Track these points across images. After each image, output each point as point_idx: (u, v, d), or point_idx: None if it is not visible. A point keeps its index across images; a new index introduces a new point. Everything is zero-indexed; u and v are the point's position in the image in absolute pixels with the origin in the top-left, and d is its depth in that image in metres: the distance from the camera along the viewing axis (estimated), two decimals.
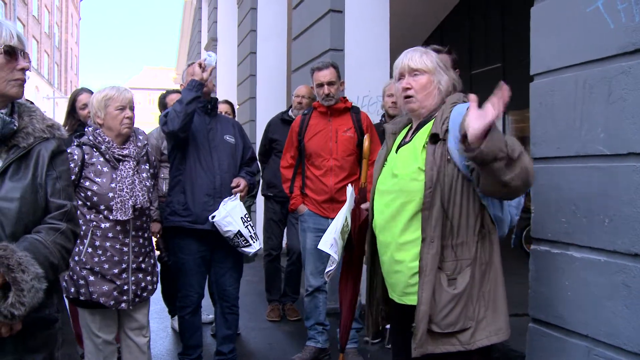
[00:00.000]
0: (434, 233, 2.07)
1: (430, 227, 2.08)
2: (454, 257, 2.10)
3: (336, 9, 5.50)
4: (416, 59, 2.25)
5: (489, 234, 2.14)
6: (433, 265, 2.06)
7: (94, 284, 2.82)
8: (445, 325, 2.06)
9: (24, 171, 1.75)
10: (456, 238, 2.10)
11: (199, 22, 17.68)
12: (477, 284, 2.09)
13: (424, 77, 2.24)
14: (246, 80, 9.61)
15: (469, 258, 2.09)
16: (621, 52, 2.25)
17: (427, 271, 2.06)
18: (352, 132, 3.84)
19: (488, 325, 2.08)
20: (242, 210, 3.46)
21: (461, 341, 2.06)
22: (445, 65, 2.29)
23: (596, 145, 2.37)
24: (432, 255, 2.06)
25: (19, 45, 1.76)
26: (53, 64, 41.22)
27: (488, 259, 2.12)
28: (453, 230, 2.10)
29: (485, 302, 2.09)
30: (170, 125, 3.34)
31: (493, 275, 2.12)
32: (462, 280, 2.07)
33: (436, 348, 2.08)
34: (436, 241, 2.07)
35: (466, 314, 2.06)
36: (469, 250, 2.09)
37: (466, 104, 2.13)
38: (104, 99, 2.92)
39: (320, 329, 4.00)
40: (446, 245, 2.10)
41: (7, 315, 1.57)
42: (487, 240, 2.13)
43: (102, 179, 2.85)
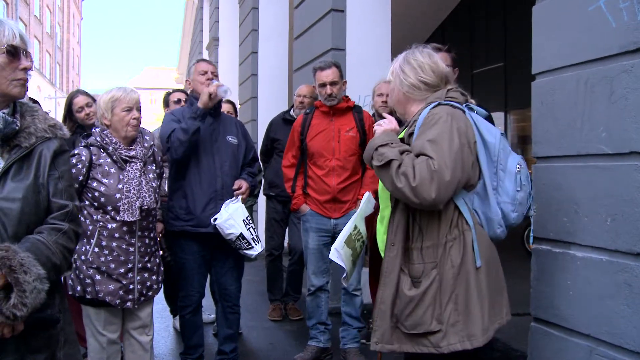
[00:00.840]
0: (395, 237, 2.14)
1: (393, 230, 2.15)
2: (421, 260, 2.11)
3: (338, 8, 5.50)
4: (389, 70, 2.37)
5: (462, 236, 2.10)
6: (393, 267, 2.13)
7: (100, 283, 2.84)
8: (410, 325, 2.08)
9: (26, 171, 1.74)
10: (425, 241, 2.11)
11: (200, 22, 17.68)
12: (448, 287, 2.06)
13: (390, 87, 2.39)
14: (248, 79, 9.60)
15: (435, 261, 2.08)
16: (623, 51, 2.25)
17: (387, 272, 2.15)
18: (354, 131, 3.83)
19: (461, 330, 2.05)
20: (244, 212, 3.46)
21: (432, 343, 2.06)
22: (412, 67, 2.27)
23: (598, 145, 2.36)
24: (391, 258, 2.14)
25: (21, 44, 1.76)
26: (55, 63, 41.27)
27: (460, 262, 2.07)
28: (422, 234, 2.11)
29: (458, 306, 2.05)
30: (174, 154, 3.42)
31: (467, 279, 2.07)
32: (425, 283, 2.07)
33: (410, 348, 2.11)
34: (397, 244, 2.13)
35: (433, 316, 2.05)
36: (437, 254, 2.09)
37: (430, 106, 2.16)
38: (111, 100, 2.93)
39: (322, 328, 4.00)
40: (413, 248, 2.13)
41: (9, 316, 1.57)
42: (460, 243, 2.09)
43: (110, 180, 2.86)
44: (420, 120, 2.13)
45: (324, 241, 3.88)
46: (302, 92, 5.05)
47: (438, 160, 1.97)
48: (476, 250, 2.09)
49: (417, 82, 2.25)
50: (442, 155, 1.98)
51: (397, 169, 2.00)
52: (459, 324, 2.04)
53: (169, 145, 3.40)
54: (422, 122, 2.11)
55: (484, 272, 2.10)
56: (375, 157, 2.09)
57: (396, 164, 2.00)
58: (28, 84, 1.81)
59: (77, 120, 4.03)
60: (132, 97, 2.96)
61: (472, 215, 2.13)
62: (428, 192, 1.95)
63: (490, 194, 2.15)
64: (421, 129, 2.09)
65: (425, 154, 2.00)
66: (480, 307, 2.07)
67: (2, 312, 1.57)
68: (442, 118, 2.07)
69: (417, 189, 1.95)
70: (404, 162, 2.00)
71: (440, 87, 2.26)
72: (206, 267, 3.64)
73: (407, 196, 1.98)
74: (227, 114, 3.96)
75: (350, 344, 3.91)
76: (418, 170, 1.96)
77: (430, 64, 2.27)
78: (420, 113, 2.17)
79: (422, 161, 1.98)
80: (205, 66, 3.65)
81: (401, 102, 2.33)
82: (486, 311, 2.08)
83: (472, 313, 2.05)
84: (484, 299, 2.08)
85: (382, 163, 2.04)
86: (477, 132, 2.14)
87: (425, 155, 2.00)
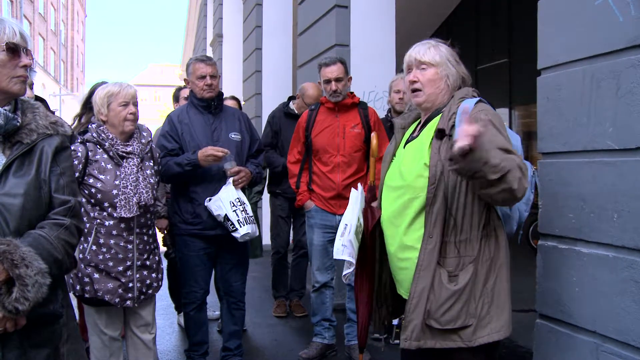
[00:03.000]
0: (433, 229, 2.08)
1: (431, 222, 2.09)
2: (457, 253, 2.09)
3: (342, 4, 5.48)
4: (424, 52, 2.23)
5: (494, 230, 2.13)
6: (430, 261, 2.07)
7: (98, 282, 2.82)
8: (445, 321, 2.05)
9: (28, 167, 1.75)
10: (459, 235, 2.09)
11: (204, 19, 17.69)
12: (481, 280, 2.07)
13: (431, 71, 2.21)
14: (252, 76, 9.60)
15: (472, 255, 2.08)
16: (630, 46, 2.22)
17: (423, 265, 2.08)
18: (359, 128, 3.81)
19: (490, 323, 2.06)
20: (233, 194, 3.39)
21: (462, 338, 2.05)
22: (455, 59, 2.25)
23: (604, 140, 2.34)
24: (429, 251, 2.07)
25: (21, 42, 1.77)
26: (59, 61, 41.40)
27: (493, 255, 2.10)
28: (457, 227, 2.09)
29: (489, 299, 2.07)
30: (165, 180, 3.54)
31: (497, 272, 2.10)
32: (464, 277, 2.06)
33: (436, 343, 2.08)
34: (435, 237, 2.07)
35: (467, 310, 2.05)
36: (473, 248, 2.08)
37: (474, 100, 2.12)
38: (107, 96, 2.90)
39: (327, 324, 4.00)
40: (449, 241, 2.09)
41: (11, 310, 1.58)
42: (493, 237, 2.12)
43: (106, 176, 2.84)
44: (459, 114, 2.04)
45: (328, 237, 3.87)
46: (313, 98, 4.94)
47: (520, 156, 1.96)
48: (506, 245, 2.14)
49: (462, 76, 2.24)
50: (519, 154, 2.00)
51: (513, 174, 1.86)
52: (489, 316, 2.06)
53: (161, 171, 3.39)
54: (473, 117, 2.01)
55: (508, 266, 2.14)
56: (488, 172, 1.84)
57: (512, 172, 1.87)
58: (29, 81, 1.82)
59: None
60: (128, 92, 2.93)
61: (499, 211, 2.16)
62: (525, 186, 1.92)
63: None
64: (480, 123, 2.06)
65: (509, 149, 1.94)
66: (507, 300, 2.11)
67: (5, 306, 1.58)
68: (496, 114, 2.08)
69: (525, 189, 1.92)
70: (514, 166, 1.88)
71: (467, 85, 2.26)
72: (210, 263, 3.63)
73: (518, 197, 1.91)
74: (230, 107, 3.91)
75: (354, 340, 3.90)
76: (524, 170, 1.91)
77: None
78: (458, 105, 2.11)
79: (520, 159, 1.93)
80: (203, 69, 3.52)
81: (441, 90, 2.23)
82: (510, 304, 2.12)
83: (502, 306, 2.08)
84: (510, 292, 2.13)
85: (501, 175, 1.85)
86: None
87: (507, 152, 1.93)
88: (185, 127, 3.51)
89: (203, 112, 3.56)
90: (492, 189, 1.89)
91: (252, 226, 3.45)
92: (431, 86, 2.22)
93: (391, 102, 4.37)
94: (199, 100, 3.55)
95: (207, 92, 3.52)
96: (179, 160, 3.39)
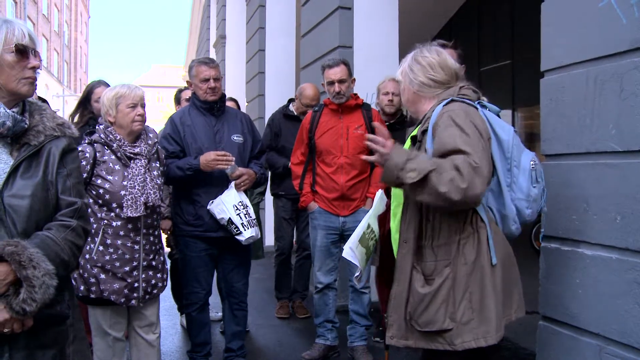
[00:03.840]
0: (407, 234, 2.13)
1: (405, 228, 2.15)
2: (434, 257, 2.10)
3: (345, 5, 5.49)
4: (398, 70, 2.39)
5: (476, 233, 2.09)
6: (405, 264, 2.12)
7: (105, 282, 2.84)
8: (423, 323, 2.07)
9: (35, 169, 1.76)
10: (437, 239, 2.10)
11: (207, 20, 17.70)
12: (461, 284, 2.05)
13: (400, 87, 2.40)
14: (255, 77, 9.61)
15: (448, 259, 2.08)
16: (634, 48, 2.23)
17: (400, 270, 2.15)
18: (363, 129, 3.81)
19: (476, 328, 2.04)
20: (236, 198, 3.41)
21: (446, 340, 2.06)
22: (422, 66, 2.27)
23: (608, 142, 2.35)
24: (403, 255, 2.13)
25: (30, 44, 1.78)
26: (62, 62, 41.46)
27: (474, 258, 2.06)
28: (434, 232, 2.11)
29: (472, 304, 2.05)
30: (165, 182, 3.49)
31: (481, 276, 2.06)
32: (437, 281, 2.07)
33: (425, 344, 2.11)
34: (410, 242, 2.12)
35: (446, 314, 2.04)
36: (449, 251, 2.08)
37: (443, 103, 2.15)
38: (115, 97, 2.93)
39: (330, 326, 4.00)
40: (426, 245, 2.12)
41: (18, 311, 1.59)
42: (474, 240, 2.08)
43: (114, 177, 2.87)
44: (433, 117, 2.11)
45: (332, 239, 3.88)
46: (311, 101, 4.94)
47: (474, 155, 1.92)
48: (492, 247, 2.08)
49: (427, 80, 2.25)
50: (476, 150, 1.94)
51: (438, 177, 1.89)
52: (473, 321, 2.04)
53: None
54: (437, 119, 2.09)
55: (499, 270, 2.10)
56: (405, 177, 1.94)
57: (435, 174, 1.90)
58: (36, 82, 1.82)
59: (92, 110, 4.02)
60: (136, 93, 2.96)
61: (486, 212, 2.14)
62: (475, 190, 1.89)
63: (504, 190, 2.16)
64: (441, 125, 2.05)
65: (461, 149, 1.93)
66: (495, 305, 2.05)
67: (12, 307, 1.59)
68: (461, 114, 2.05)
69: (467, 190, 1.88)
70: (441, 168, 1.90)
71: (452, 84, 2.26)
72: (212, 264, 3.64)
73: (454, 200, 1.88)
74: (232, 108, 3.91)
75: (357, 341, 3.91)
76: (464, 170, 1.88)
77: (439, 61, 2.26)
78: (433, 110, 2.16)
79: (463, 160, 1.90)
80: (207, 72, 3.51)
81: (412, 101, 2.33)
82: (500, 309, 2.08)
83: (487, 310, 2.04)
84: (499, 297, 2.07)
85: (420, 177, 1.91)
86: (490, 129, 2.14)
87: (460, 152, 1.93)
88: (188, 129, 3.52)
89: (205, 114, 3.57)
90: (422, 195, 1.94)
91: (256, 229, 3.47)
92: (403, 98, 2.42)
93: (380, 104, 4.37)
94: (202, 103, 3.55)
95: (210, 95, 3.52)
96: (180, 164, 3.40)
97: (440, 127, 2.05)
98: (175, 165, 3.40)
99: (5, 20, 1.77)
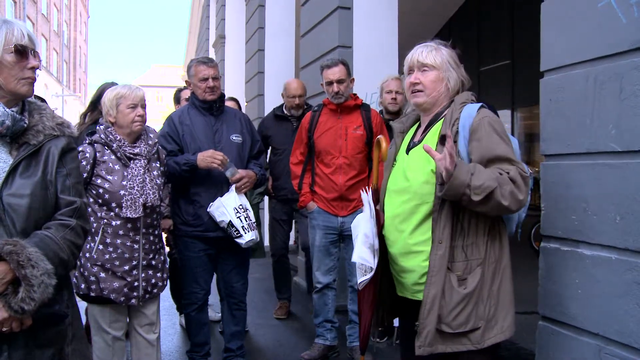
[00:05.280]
0: (442, 235, 2.10)
1: (440, 229, 2.11)
2: (465, 257, 2.11)
3: (344, 5, 5.49)
4: (426, 54, 2.25)
5: (499, 233, 2.17)
6: (441, 266, 2.09)
7: (104, 281, 2.85)
8: (457, 325, 2.07)
9: (34, 168, 1.76)
10: (466, 239, 2.12)
11: (207, 20, 17.70)
12: (488, 283, 2.10)
13: (433, 73, 2.24)
14: (254, 77, 9.60)
15: (479, 258, 2.11)
16: (633, 48, 2.22)
17: (434, 271, 2.09)
18: (362, 129, 3.81)
19: (497, 324, 2.10)
20: (237, 201, 3.42)
21: (472, 341, 2.08)
22: (456, 62, 2.28)
23: (607, 142, 2.35)
24: (439, 256, 2.09)
25: (29, 44, 1.79)
26: (62, 61, 41.43)
27: (498, 257, 2.14)
28: (464, 232, 2.12)
29: (495, 301, 2.11)
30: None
31: (502, 274, 2.14)
32: (473, 280, 2.09)
33: (447, 347, 2.10)
34: (444, 242, 2.10)
35: (476, 313, 2.08)
36: (479, 251, 2.11)
37: (476, 105, 2.14)
38: (116, 98, 2.94)
39: (329, 326, 4.00)
40: (456, 246, 2.11)
41: (17, 310, 1.59)
42: (497, 240, 2.16)
43: (114, 177, 2.87)
44: (467, 120, 2.11)
45: (330, 239, 3.88)
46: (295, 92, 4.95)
47: (521, 165, 2.05)
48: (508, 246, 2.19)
49: (461, 80, 2.27)
50: (519, 159, 2.06)
51: (501, 191, 1.96)
52: (495, 317, 2.10)
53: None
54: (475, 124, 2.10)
55: (510, 267, 2.19)
56: (471, 194, 1.95)
57: (498, 189, 1.96)
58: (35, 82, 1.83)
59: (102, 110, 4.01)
60: (137, 94, 2.97)
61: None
62: (526, 198, 2.04)
63: None
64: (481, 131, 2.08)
65: (510, 159, 2.05)
66: (511, 300, 2.16)
67: (11, 306, 1.59)
68: (498, 121, 2.12)
69: (523, 201, 2.02)
70: (503, 182, 1.97)
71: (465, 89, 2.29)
72: (211, 264, 3.64)
73: (512, 210, 2.03)
74: (231, 108, 3.90)
75: (357, 341, 3.90)
76: (520, 183, 2.00)
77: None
78: (459, 111, 2.15)
79: (515, 171, 2.01)
80: (205, 72, 3.52)
81: (441, 94, 2.26)
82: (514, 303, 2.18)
83: (507, 307, 2.14)
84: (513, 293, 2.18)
85: (485, 195, 1.95)
86: None
87: (508, 161, 2.04)
88: (187, 129, 3.52)
89: (204, 114, 3.57)
90: (483, 207, 2.00)
91: (255, 232, 3.49)
92: (432, 88, 2.25)
93: (383, 103, 4.36)
94: (201, 102, 3.55)
95: (209, 95, 3.52)
96: (177, 160, 3.40)
97: (481, 133, 2.08)
98: (173, 161, 3.40)
99: (5, 21, 1.78)
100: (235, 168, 3.45)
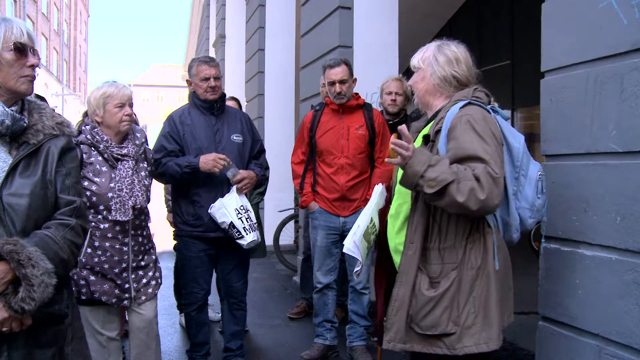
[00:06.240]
0: (414, 235, 2.10)
1: (412, 229, 2.10)
2: (440, 260, 2.08)
3: (345, 5, 5.48)
4: (413, 57, 2.29)
5: (483, 238, 2.07)
6: (410, 266, 2.09)
7: (94, 284, 2.82)
8: (425, 326, 2.05)
9: (34, 167, 1.76)
10: (444, 242, 2.08)
11: (207, 19, 17.69)
12: (466, 289, 2.03)
13: (417, 74, 2.29)
14: (254, 77, 9.60)
15: (455, 262, 2.05)
16: (634, 49, 2.22)
17: (404, 270, 2.10)
18: (363, 129, 3.80)
19: (477, 333, 2.02)
20: (238, 202, 3.41)
21: (447, 345, 2.03)
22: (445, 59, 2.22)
23: (608, 143, 2.34)
24: (409, 256, 2.09)
25: (29, 42, 1.78)
26: (62, 61, 41.43)
27: (480, 264, 2.05)
28: (441, 234, 2.08)
29: (475, 309, 2.02)
30: (163, 181, 3.55)
31: (487, 281, 2.04)
32: (444, 284, 2.04)
33: (423, 348, 2.08)
34: (415, 243, 2.09)
35: (449, 318, 2.02)
36: (457, 254, 2.06)
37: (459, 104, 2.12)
38: (103, 97, 2.87)
39: (329, 326, 4.00)
40: (432, 248, 2.09)
41: (17, 310, 1.59)
42: (481, 245, 2.07)
43: (101, 179, 2.82)
44: (449, 119, 2.07)
45: (332, 239, 3.88)
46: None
47: (493, 164, 1.92)
48: (496, 253, 2.07)
49: (449, 76, 2.20)
50: (495, 159, 1.94)
51: (458, 186, 1.88)
52: (475, 326, 2.02)
53: (157, 165, 3.40)
54: (454, 122, 2.04)
55: (500, 275, 2.08)
56: (424, 185, 1.92)
57: (454, 184, 1.88)
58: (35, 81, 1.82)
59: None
60: (124, 93, 2.90)
61: (493, 218, 2.11)
62: (493, 200, 1.90)
63: (510, 198, 2.13)
64: (459, 129, 2.02)
65: (481, 157, 1.93)
66: (497, 310, 2.04)
67: (11, 305, 1.59)
68: (480, 118, 2.03)
69: (486, 201, 1.88)
70: (463, 177, 1.89)
71: (468, 85, 2.22)
72: (211, 264, 3.63)
73: (472, 210, 1.89)
74: (232, 107, 3.89)
75: (356, 341, 3.91)
76: (484, 181, 1.88)
77: (465, 58, 2.23)
78: (448, 110, 2.12)
79: (482, 169, 1.90)
80: (207, 71, 3.50)
81: (428, 92, 2.26)
82: (501, 314, 2.07)
83: (490, 316, 2.03)
84: (500, 302, 2.06)
85: (440, 188, 1.89)
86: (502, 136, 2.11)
87: (479, 160, 1.93)
88: (187, 128, 3.51)
89: (205, 114, 3.56)
90: (440, 202, 1.94)
91: (257, 233, 3.48)
92: (418, 88, 2.29)
93: (383, 104, 4.36)
94: (202, 102, 3.55)
95: (210, 94, 3.52)
96: (179, 161, 3.39)
97: (458, 131, 2.02)
98: (174, 162, 3.39)
99: (4, 19, 1.77)
100: (237, 169, 3.44)
